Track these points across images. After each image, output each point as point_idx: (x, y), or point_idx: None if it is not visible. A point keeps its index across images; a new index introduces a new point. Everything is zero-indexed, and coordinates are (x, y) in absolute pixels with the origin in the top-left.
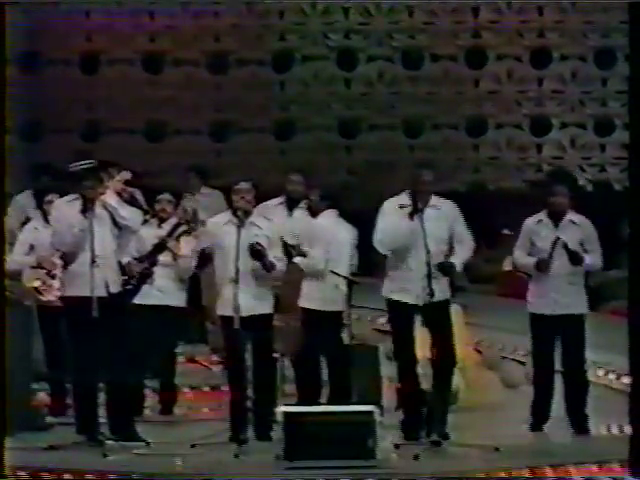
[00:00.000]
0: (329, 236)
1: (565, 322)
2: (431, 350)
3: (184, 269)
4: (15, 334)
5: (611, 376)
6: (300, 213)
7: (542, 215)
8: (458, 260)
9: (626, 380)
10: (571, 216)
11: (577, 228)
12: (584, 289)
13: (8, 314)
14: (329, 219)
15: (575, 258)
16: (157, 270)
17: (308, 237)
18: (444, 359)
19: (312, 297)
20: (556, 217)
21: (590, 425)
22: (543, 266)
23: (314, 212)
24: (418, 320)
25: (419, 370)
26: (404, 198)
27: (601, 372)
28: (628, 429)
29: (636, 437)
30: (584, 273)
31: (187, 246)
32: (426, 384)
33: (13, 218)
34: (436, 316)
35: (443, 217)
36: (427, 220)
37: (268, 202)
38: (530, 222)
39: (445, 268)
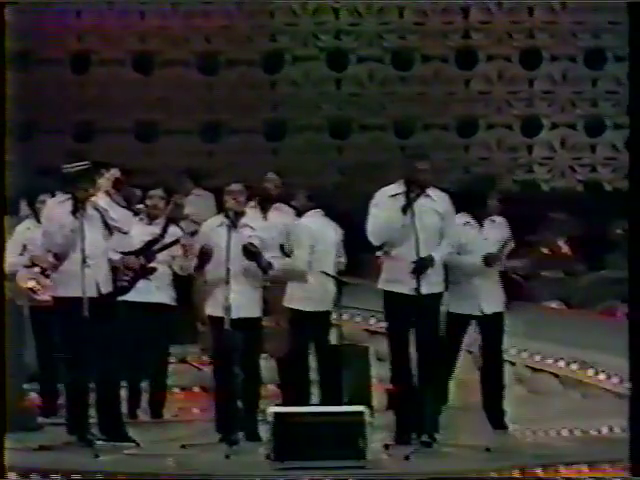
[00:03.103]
0: (314, 236)
1: (490, 320)
2: (417, 346)
3: (186, 268)
4: (6, 334)
5: (601, 376)
6: (276, 214)
7: (466, 217)
8: (438, 254)
9: (615, 380)
10: (492, 217)
11: (498, 227)
12: None
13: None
14: (314, 219)
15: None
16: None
17: (293, 237)
18: (430, 357)
19: (298, 297)
20: (480, 218)
21: (580, 425)
22: (493, 261)
23: (300, 212)
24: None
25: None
26: (396, 187)
27: (591, 372)
28: (619, 430)
29: (635, 438)
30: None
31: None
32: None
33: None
34: (425, 310)
35: (435, 209)
36: (419, 211)
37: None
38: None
39: (423, 263)
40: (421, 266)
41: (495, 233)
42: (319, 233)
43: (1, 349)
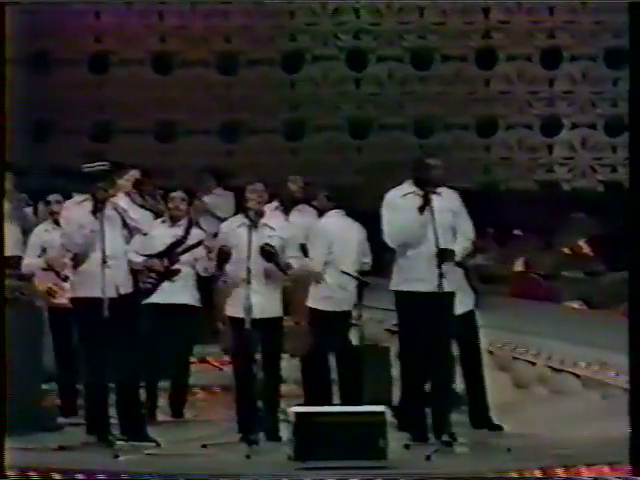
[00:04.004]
0: (331, 236)
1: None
2: (435, 345)
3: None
4: (26, 335)
5: (622, 378)
6: (297, 215)
7: None
8: (457, 248)
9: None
10: None
11: None
12: None
13: (19, 315)
14: (333, 219)
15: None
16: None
17: (310, 238)
18: (445, 356)
19: (318, 297)
20: None
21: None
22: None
23: (321, 212)
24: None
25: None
26: (406, 187)
27: (612, 373)
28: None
29: (635, 438)
30: None
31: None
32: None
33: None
34: (444, 307)
35: (447, 206)
36: (435, 209)
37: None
38: None
39: (446, 255)
40: (445, 256)
41: None
42: (338, 234)
43: (1, 349)
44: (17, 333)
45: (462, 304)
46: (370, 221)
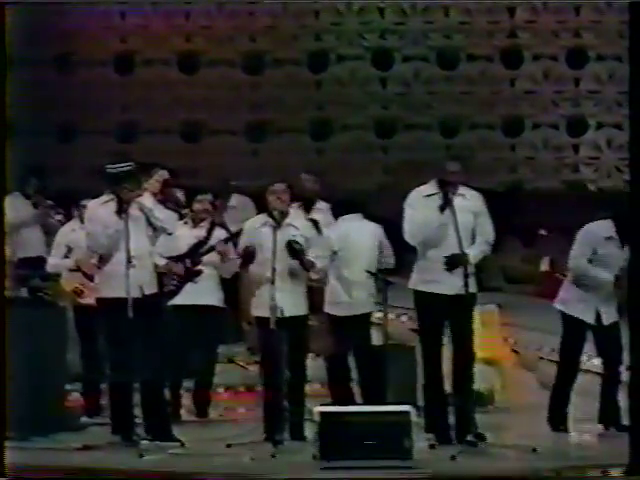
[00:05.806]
0: (336, 244)
1: (599, 329)
2: (451, 348)
3: (229, 270)
4: (50, 335)
5: None
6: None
7: (611, 231)
8: (474, 252)
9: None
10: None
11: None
12: None
13: (44, 315)
14: (344, 224)
15: None
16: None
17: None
18: (464, 357)
19: (328, 302)
20: (625, 237)
21: None
22: (622, 284)
23: (336, 216)
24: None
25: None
26: (430, 188)
27: None
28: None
29: (635, 438)
30: None
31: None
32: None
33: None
34: (461, 309)
35: (468, 207)
36: (456, 210)
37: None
38: (600, 234)
39: (455, 260)
40: (454, 262)
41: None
42: (344, 239)
43: (1, 349)
44: (42, 333)
45: (609, 315)
46: (395, 221)
